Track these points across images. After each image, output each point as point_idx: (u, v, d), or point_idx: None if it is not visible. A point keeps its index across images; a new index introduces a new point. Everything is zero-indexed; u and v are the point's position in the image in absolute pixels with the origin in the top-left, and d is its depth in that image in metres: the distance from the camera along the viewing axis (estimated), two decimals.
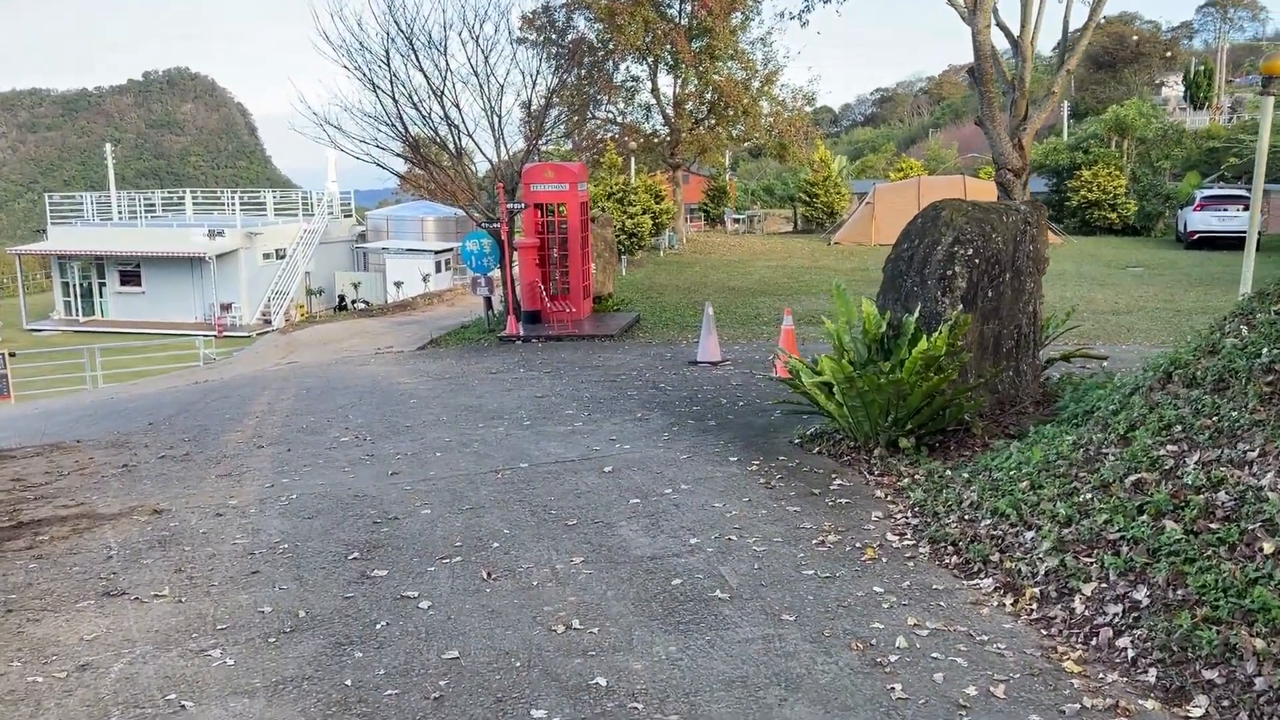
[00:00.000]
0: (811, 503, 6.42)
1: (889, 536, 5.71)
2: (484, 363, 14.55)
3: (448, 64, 17.92)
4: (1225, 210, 31.59)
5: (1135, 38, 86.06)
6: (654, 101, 37.82)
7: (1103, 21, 9.59)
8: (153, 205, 43.91)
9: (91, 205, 41.83)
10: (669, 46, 34.96)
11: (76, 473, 8.67)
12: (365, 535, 6.29)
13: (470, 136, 18.13)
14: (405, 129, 17.80)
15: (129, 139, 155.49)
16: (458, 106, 17.96)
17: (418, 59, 17.77)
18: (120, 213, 41.87)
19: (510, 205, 17.02)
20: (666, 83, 37.79)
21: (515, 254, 18.27)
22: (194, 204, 43.69)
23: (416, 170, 24.77)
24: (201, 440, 9.94)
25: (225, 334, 34.42)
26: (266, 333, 31.52)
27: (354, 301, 36.54)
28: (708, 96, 36.91)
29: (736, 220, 45.16)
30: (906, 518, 5.99)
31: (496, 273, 18.53)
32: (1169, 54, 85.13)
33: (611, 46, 34.22)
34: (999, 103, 9.91)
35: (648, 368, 13.35)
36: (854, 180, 50.84)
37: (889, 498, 6.45)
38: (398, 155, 18.85)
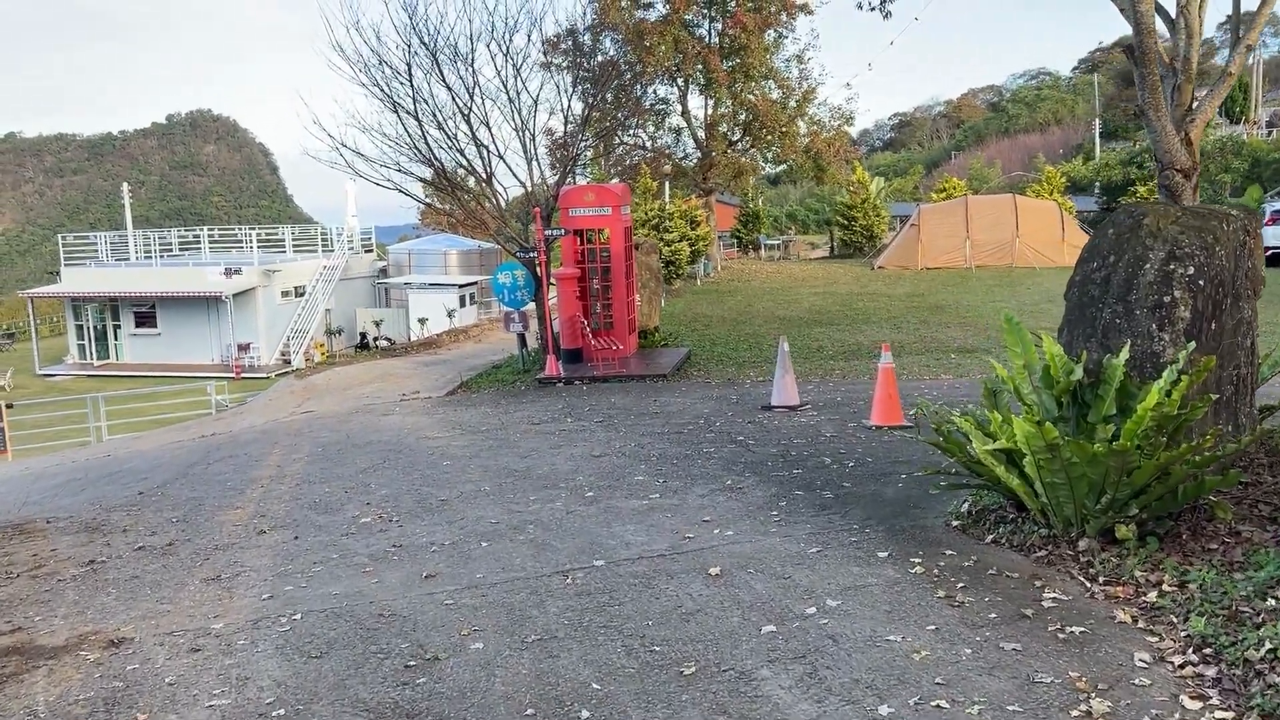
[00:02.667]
0: (1030, 633, 4.49)
1: (1186, 702, 3.77)
2: (524, 410, 12.70)
3: (475, 79, 16.26)
4: None
5: (1170, 53, 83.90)
6: (684, 124, 36.21)
7: None
8: (169, 244, 42.62)
9: (106, 246, 40.55)
10: (700, 66, 33.39)
11: (28, 574, 6.85)
12: (395, 691, 4.40)
13: (501, 158, 16.42)
14: (430, 151, 16.10)
15: (153, 181, 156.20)
16: (487, 125, 16.26)
17: (442, 74, 16.12)
18: (136, 253, 40.57)
19: (548, 231, 15.23)
20: (697, 105, 36.20)
21: (553, 286, 16.50)
22: (210, 242, 42.34)
23: (438, 202, 23.13)
24: (192, 521, 8.13)
25: (243, 375, 32.85)
26: (286, 373, 29.91)
27: (376, 339, 34.92)
28: (742, 117, 35.24)
29: (771, 246, 43.34)
30: (1192, 663, 4.04)
31: (531, 306, 16.75)
32: (1202, 68, 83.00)
33: (640, 69, 32.69)
34: (1162, 89, 8.08)
35: (715, 414, 11.46)
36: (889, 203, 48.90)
37: (1140, 621, 4.51)
38: (421, 180, 17.16)
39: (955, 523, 6.25)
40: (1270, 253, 29.89)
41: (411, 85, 15.94)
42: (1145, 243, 5.87)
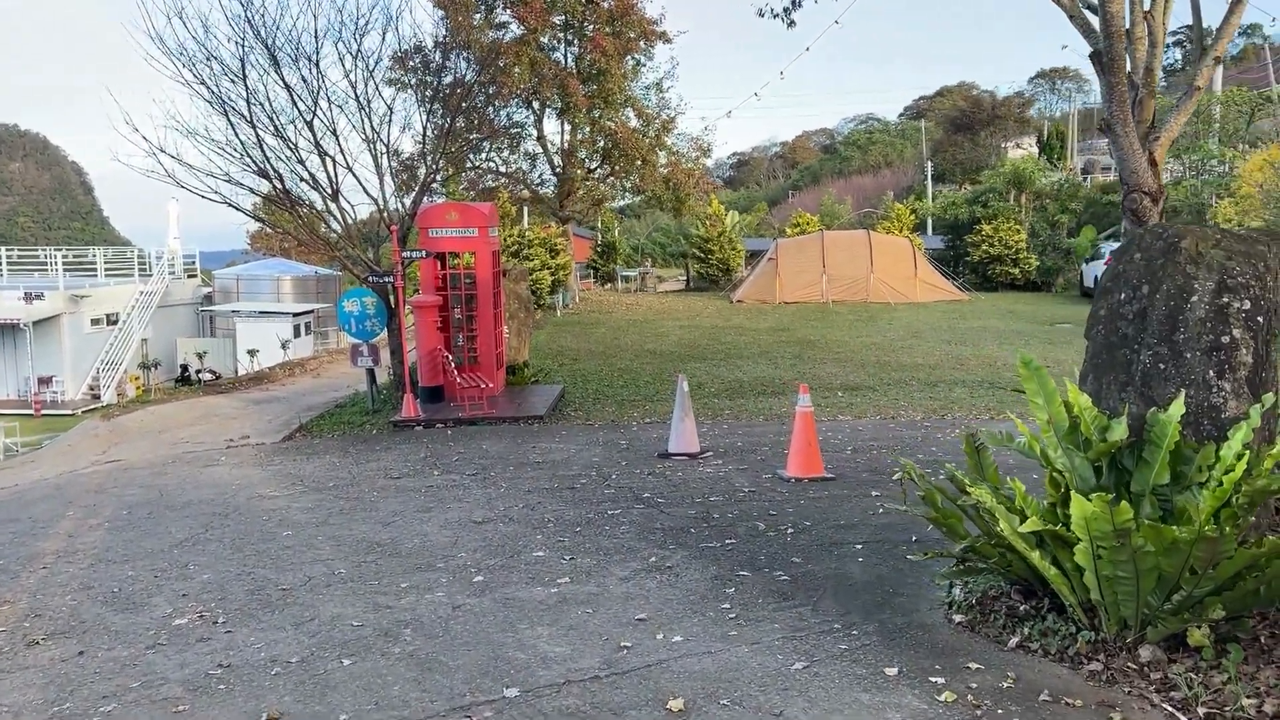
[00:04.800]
0: None
1: None
2: (379, 460, 10.90)
3: (321, 83, 14.37)
4: None
5: (991, 102, 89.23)
6: (540, 150, 34.77)
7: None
8: None
9: None
10: (558, 90, 32.10)
11: None
12: None
13: (350, 170, 14.54)
14: (266, 160, 14.07)
15: None
16: (334, 133, 14.38)
17: (281, 74, 14.16)
18: None
19: (406, 253, 13.47)
20: (553, 130, 34.86)
21: (410, 315, 14.72)
22: (9, 264, 37.96)
23: (270, 223, 20.88)
24: None
25: (44, 413, 29.19)
26: (94, 409, 26.63)
27: (199, 372, 31.73)
28: (600, 144, 34.12)
29: (627, 278, 42.30)
30: None
31: (383, 337, 14.89)
32: (1023, 117, 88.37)
33: (494, 90, 31.12)
34: (1132, 101, 7.21)
35: (607, 464, 10.00)
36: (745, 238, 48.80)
37: None
38: (256, 194, 15.05)
39: (958, 617, 4.99)
40: None
41: (245, 85, 13.92)
42: (1187, 270, 4.80)
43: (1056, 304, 33.31)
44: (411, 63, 33.55)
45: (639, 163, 33.22)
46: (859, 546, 6.46)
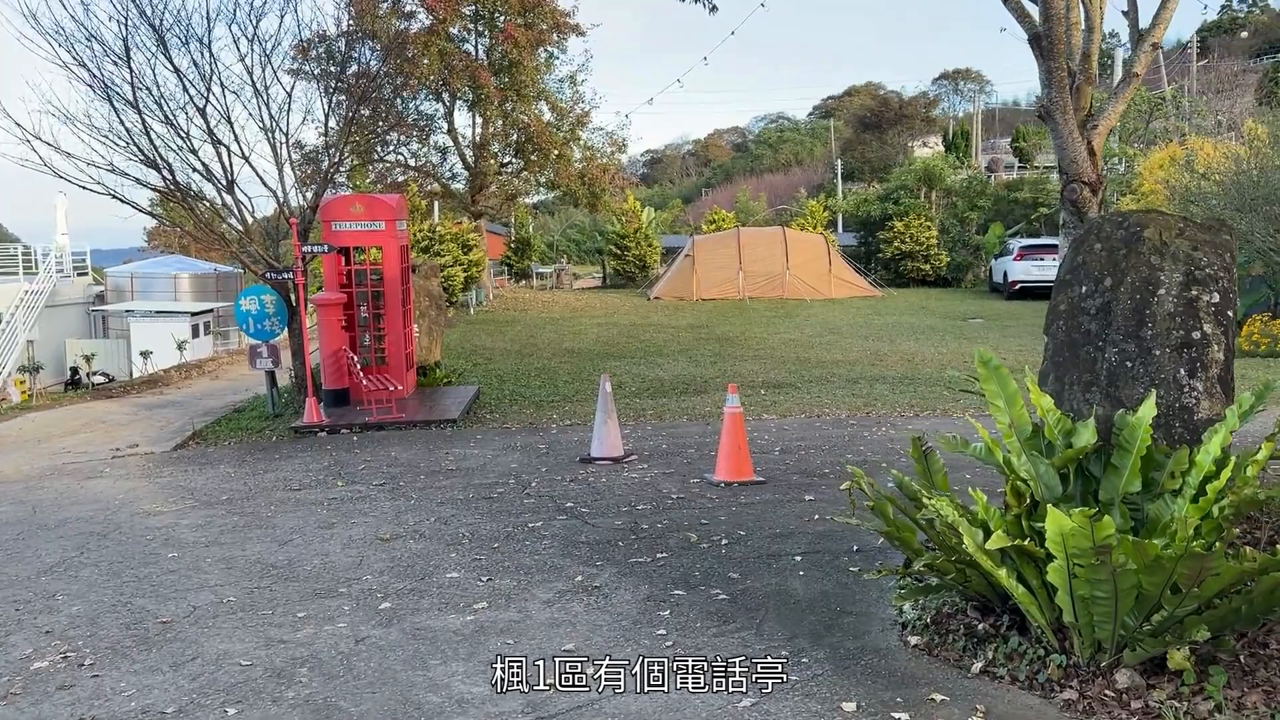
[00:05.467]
0: None
1: None
2: (278, 470, 10.14)
3: (214, 67, 13.45)
4: (1043, 260, 31.36)
5: (898, 102, 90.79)
6: (450, 143, 33.84)
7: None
8: None
9: None
10: (469, 82, 31.26)
11: None
12: None
13: (246, 160, 13.64)
14: (155, 148, 13.10)
15: None
16: (228, 121, 13.47)
17: (170, 58, 13.20)
18: None
19: (307, 248, 12.67)
20: (464, 122, 33.96)
21: (312, 313, 13.91)
22: None
23: (167, 219, 19.75)
24: None
25: None
26: None
27: (90, 375, 30.01)
28: (513, 138, 33.36)
29: (542, 275, 41.59)
30: None
31: (284, 337, 14.04)
32: (929, 116, 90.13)
33: (402, 81, 30.13)
34: (1070, 87, 6.95)
35: (527, 470, 9.44)
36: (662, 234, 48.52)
37: None
38: (145, 186, 14.02)
39: (914, 639, 4.59)
40: (1020, 286, 31.61)
41: (130, 68, 12.93)
42: (1151, 261, 4.48)
43: (967, 299, 33.78)
44: (314, 52, 32.21)
45: (554, 156, 32.59)
46: (799, 558, 6.04)
